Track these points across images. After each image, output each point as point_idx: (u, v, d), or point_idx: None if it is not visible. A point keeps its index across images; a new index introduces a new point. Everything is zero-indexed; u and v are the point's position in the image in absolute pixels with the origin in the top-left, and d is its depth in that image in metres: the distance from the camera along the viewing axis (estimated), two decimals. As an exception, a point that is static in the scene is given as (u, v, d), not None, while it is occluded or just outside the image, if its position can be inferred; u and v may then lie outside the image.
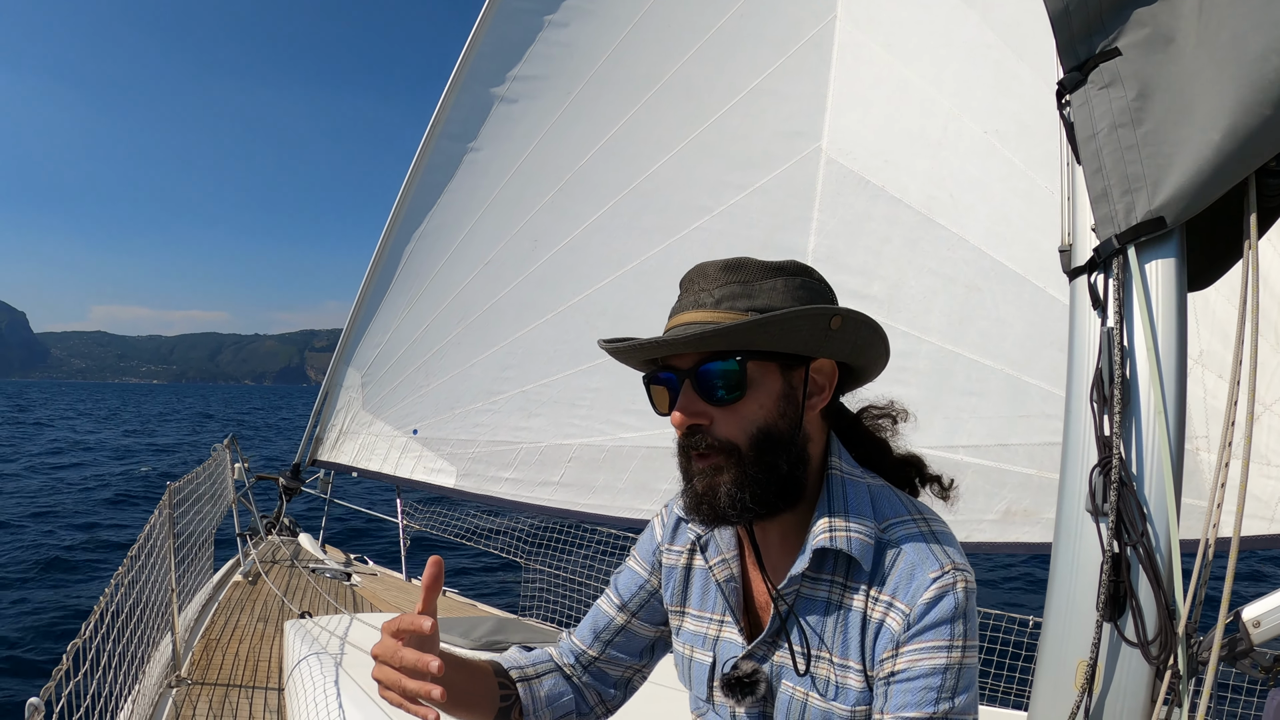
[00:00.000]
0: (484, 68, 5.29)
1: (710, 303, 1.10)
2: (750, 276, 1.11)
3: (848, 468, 1.16)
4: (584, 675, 1.35)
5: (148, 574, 2.99)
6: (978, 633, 1.08)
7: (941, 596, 1.04)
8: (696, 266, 1.15)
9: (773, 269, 1.12)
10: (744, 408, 1.09)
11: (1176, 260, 1.30)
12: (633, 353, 1.13)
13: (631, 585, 1.35)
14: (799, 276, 1.13)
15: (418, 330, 5.88)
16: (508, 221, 5.41)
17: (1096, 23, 1.36)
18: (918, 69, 3.91)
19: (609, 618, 1.35)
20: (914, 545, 1.08)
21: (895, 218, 3.98)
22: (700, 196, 4.67)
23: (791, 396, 1.12)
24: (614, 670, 1.36)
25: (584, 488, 5.13)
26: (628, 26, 4.83)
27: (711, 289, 1.11)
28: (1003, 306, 3.70)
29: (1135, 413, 1.29)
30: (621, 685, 1.38)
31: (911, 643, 1.04)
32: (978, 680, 1.08)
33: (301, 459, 6.49)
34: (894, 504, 1.14)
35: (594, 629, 1.36)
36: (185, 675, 3.31)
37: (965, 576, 1.06)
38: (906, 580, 1.06)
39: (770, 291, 1.10)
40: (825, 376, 1.15)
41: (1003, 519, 3.72)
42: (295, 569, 5.42)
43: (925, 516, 1.14)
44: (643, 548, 1.37)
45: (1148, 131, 1.30)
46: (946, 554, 1.07)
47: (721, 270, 1.12)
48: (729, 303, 1.09)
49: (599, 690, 1.36)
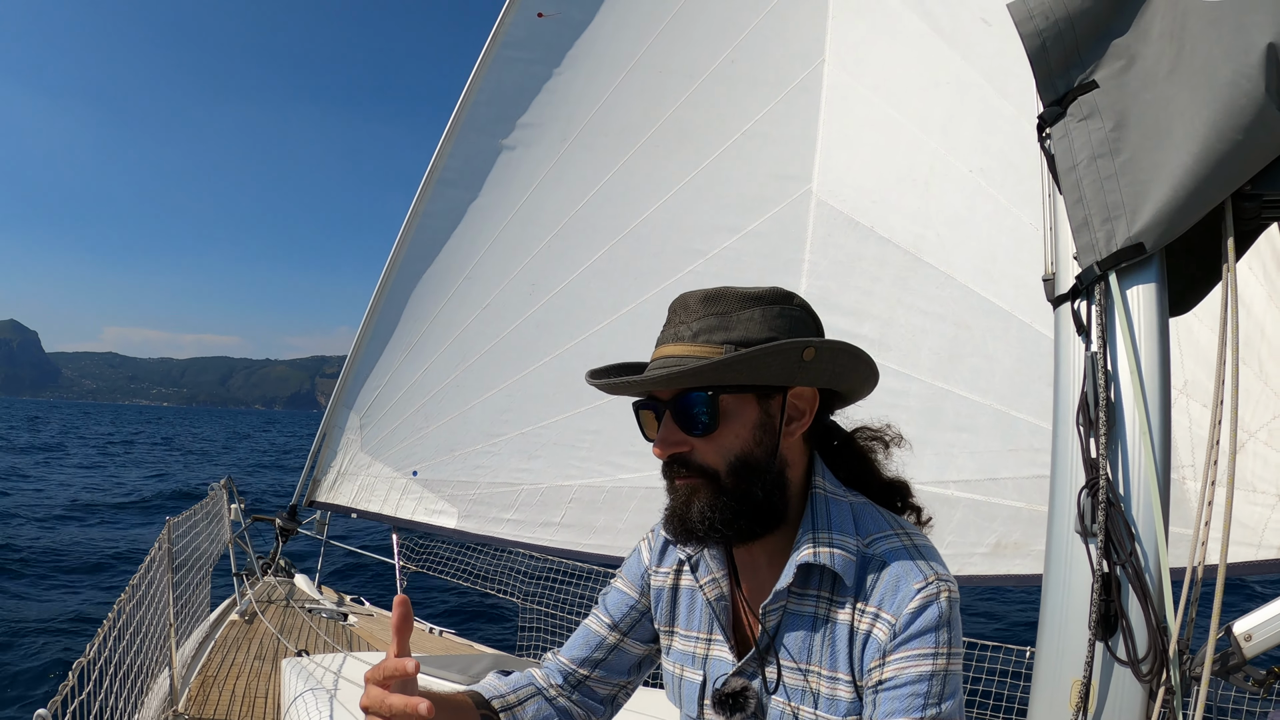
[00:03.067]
0: (481, 115, 5.37)
1: (688, 335, 1.13)
2: (728, 308, 1.14)
3: (831, 487, 1.19)
4: (572, 694, 1.36)
5: (147, 605, 2.98)
6: (962, 641, 1.11)
7: (926, 606, 1.07)
8: (680, 296, 1.19)
9: (751, 299, 1.15)
10: (720, 438, 1.13)
11: (1157, 285, 1.34)
12: (614, 390, 1.17)
13: (621, 606, 1.37)
14: (778, 305, 1.16)
15: (417, 373, 5.90)
16: (506, 266, 5.46)
17: (1074, 56, 1.41)
18: (904, 109, 4.00)
19: (600, 637, 1.37)
20: (897, 558, 1.11)
21: (884, 258, 4.04)
22: (693, 240, 4.73)
23: (768, 425, 1.15)
24: (602, 688, 1.38)
25: (585, 528, 5.13)
26: (621, 73, 4.93)
27: (690, 321, 1.14)
28: (991, 343, 3.75)
29: (1121, 434, 1.32)
30: (608, 702, 1.40)
31: (898, 651, 1.07)
32: (962, 687, 1.10)
33: (298, 500, 6.46)
34: (876, 520, 1.17)
35: (586, 648, 1.37)
36: (183, 710, 3.29)
37: (949, 587, 1.09)
38: (892, 591, 1.09)
39: (748, 323, 1.13)
40: (805, 402, 1.18)
41: (993, 552, 3.73)
42: (291, 609, 5.38)
43: (907, 530, 1.17)
44: (630, 570, 1.39)
45: (1125, 160, 1.35)
46: (930, 565, 1.11)
47: (701, 302, 1.15)
48: (705, 335, 1.12)
49: (586, 707, 1.37)
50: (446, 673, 2.94)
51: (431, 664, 3.04)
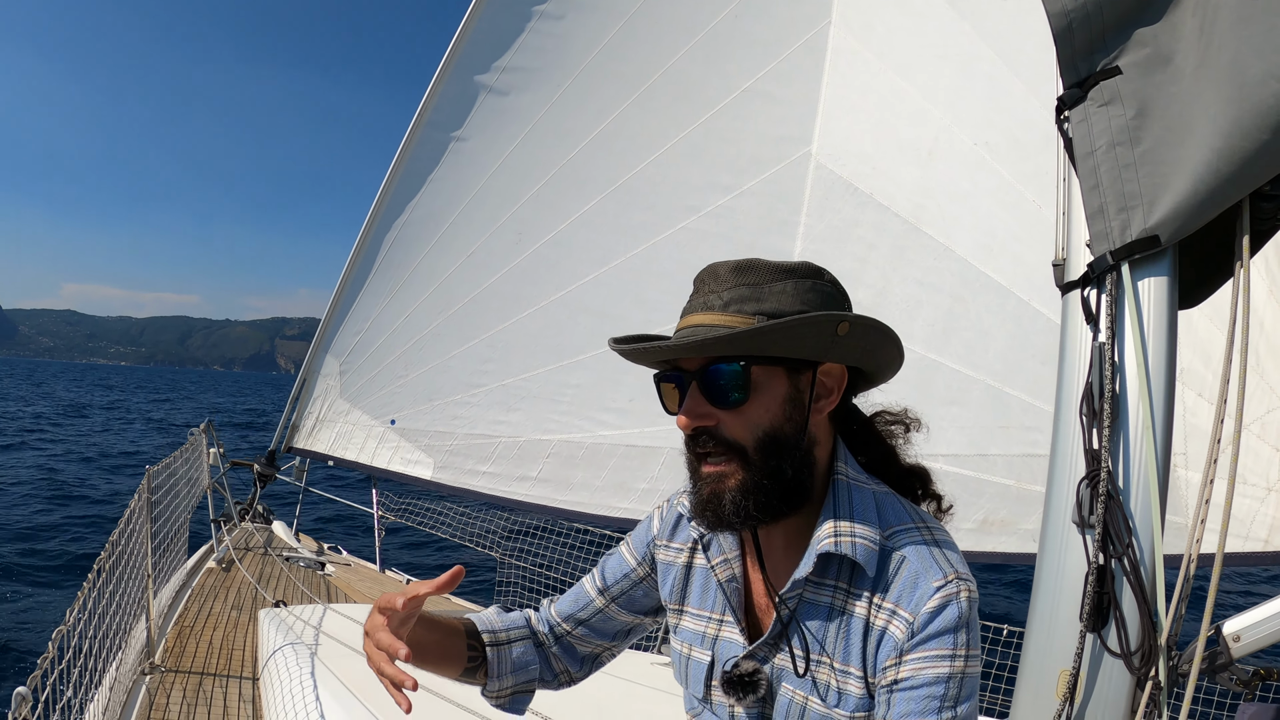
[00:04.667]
0: (474, 57, 5.24)
1: (719, 305, 1.10)
2: (760, 279, 1.10)
3: (853, 473, 1.16)
4: (555, 646, 1.38)
5: (126, 559, 2.95)
6: (980, 642, 1.09)
7: (945, 605, 1.04)
8: (709, 266, 1.15)
9: (784, 271, 1.11)
10: (749, 411, 1.09)
11: (1169, 279, 1.32)
12: (639, 356, 1.14)
13: (617, 571, 1.37)
14: (810, 279, 1.12)
15: (398, 319, 5.84)
16: (493, 213, 5.38)
17: (1099, 41, 1.37)
18: (910, 78, 3.93)
19: (589, 599, 1.37)
20: (918, 553, 1.09)
21: (882, 225, 4.00)
22: (688, 196, 4.67)
23: (798, 400, 1.12)
24: (584, 647, 1.39)
25: (562, 484, 5.12)
26: (621, 21, 4.81)
27: (721, 291, 1.10)
28: (986, 318, 3.73)
29: (1124, 427, 1.31)
30: (589, 661, 1.41)
31: (915, 651, 1.05)
32: (978, 690, 1.09)
33: (277, 445, 6.43)
34: (898, 511, 1.15)
35: (573, 606, 1.38)
36: (159, 662, 3.28)
37: (968, 586, 1.06)
38: (910, 588, 1.07)
39: (780, 295, 1.09)
40: (834, 380, 1.15)
41: (980, 528, 3.76)
42: (269, 557, 5.37)
43: (929, 525, 1.14)
44: (637, 538, 1.38)
45: (1145, 151, 1.32)
46: (950, 563, 1.08)
47: (732, 272, 1.11)
48: (737, 305, 1.09)
49: (565, 661, 1.39)
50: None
51: None
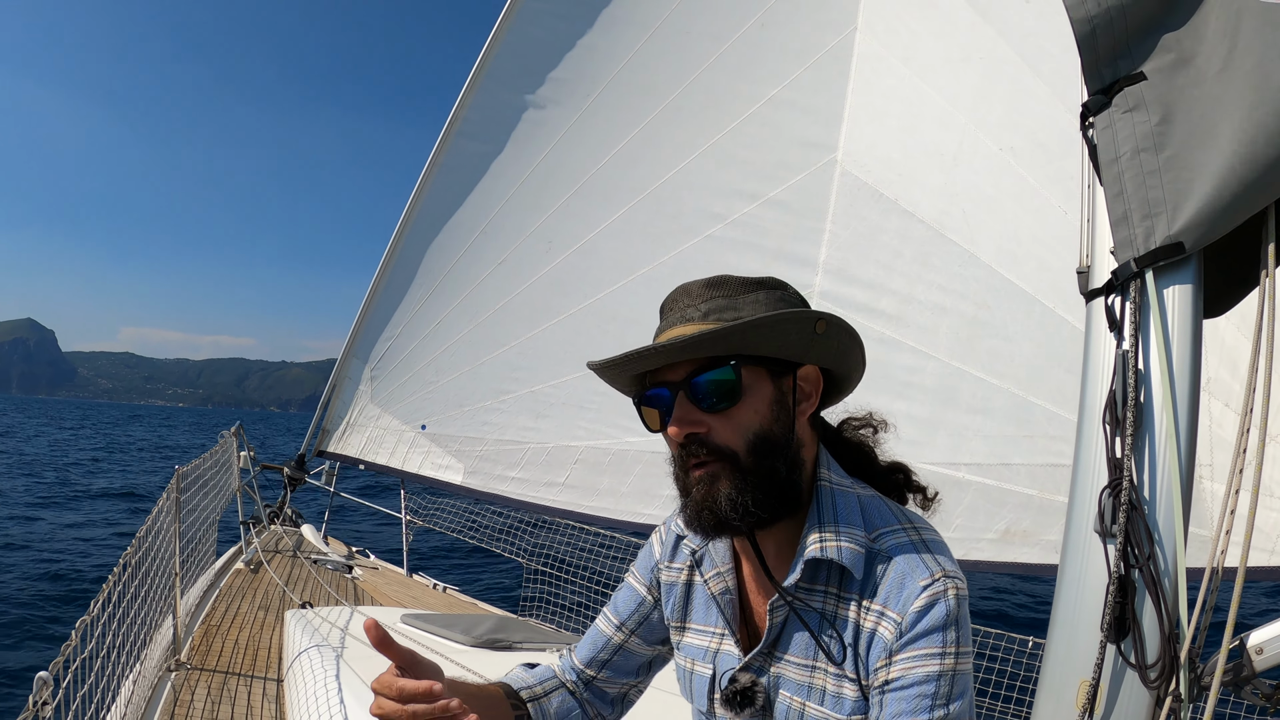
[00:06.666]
0: (503, 68, 5.30)
1: (698, 316, 1.12)
2: (733, 291, 1.14)
3: (837, 478, 1.18)
4: (585, 692, 1.38)
5: (153, 557, 3.00)
6: (971, 639, 1.09)
7: (933, 604, 1.05)
8: (678, 287, 1.18)
9: (753, 283, 1.15)
10: (739, 414, 1.11)
11: (1194, 286, 1.31)
12: (626, 365, 1.15)
13: (630, 604, 1.38)
14: (778, 290, 1.16)
15: (429, 326, 5.90)
16: (523, 222, 5.42)
17: (1123, 46, 1.36)
18: (935, 83, 3.91)
19: (606, 637, 1.38)
20: (904, 554, 1.10)
21: (907, 232, 3.98)
22: (714, 204, 4.68)
23: (783, 402, 1.14)
24: (611, 688, 1.39)
25: (588, 490, 5.14)
26: (648, 32, 4.84)
27: (698, 304, 1.13)
28: (1011, 326, 3.69)
29: (1148, 436, 1.29)
30: (619, 701, 1.41)
31: (904, 651, 1.05)
32: (972, 686, 1.09)
33: (307, 449, 6.50)
34: (884, 513, 1.16)
35: (593, 649, 1.38)
36: (185, 660, 3.33)
37: (956, 584, 1.07)
38: (897, 589, 1.07)
39: (754, 304, 1.13)
40: (811, 384, 1.17)
41: (1001, 539, 3.70)
42: (297, 559, 5.43)
43: (915, 525, 1.15)
44: (641, 565, 1.39)
45: (1170, 157, 1.31)
46: (937, 562, 1.09)
47: (704, 287, 1.15)
48: (716, 314, 1.12)
49: (598, 706, 1.39)
50: (450, 632, 2.96)
51: (435, 623, 3.07)
